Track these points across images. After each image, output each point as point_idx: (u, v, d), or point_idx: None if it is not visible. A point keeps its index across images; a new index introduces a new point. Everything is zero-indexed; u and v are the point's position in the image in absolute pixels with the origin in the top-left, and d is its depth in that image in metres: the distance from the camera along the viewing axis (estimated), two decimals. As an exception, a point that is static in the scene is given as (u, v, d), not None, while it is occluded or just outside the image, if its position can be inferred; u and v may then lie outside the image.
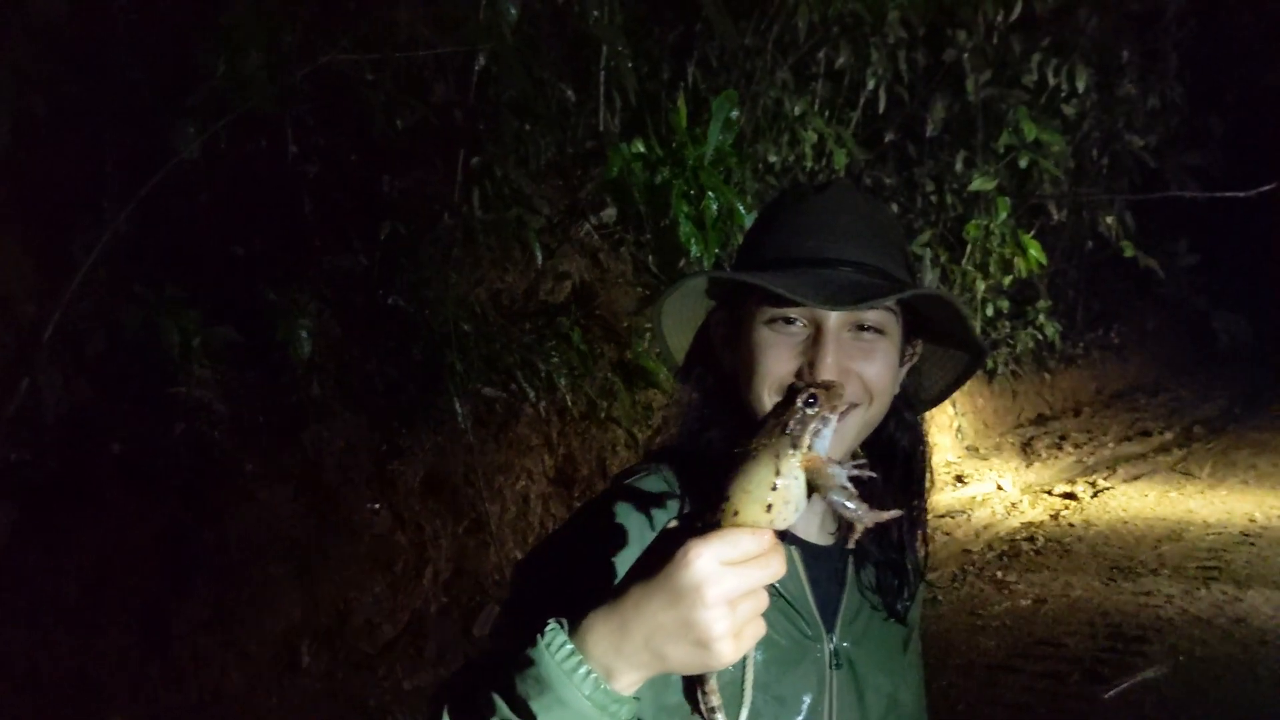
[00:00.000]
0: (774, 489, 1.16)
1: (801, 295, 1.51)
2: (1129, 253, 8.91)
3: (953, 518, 7.76)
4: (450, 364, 5.14)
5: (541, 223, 5.93)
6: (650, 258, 6.38)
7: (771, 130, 7.04)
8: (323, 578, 4.75)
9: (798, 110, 6.99)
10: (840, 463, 1.21)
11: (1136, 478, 9.01)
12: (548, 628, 1.22)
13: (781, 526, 1.18)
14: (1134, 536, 7.32)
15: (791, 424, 1.19)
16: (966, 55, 7.86)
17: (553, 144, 6.21)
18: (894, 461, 1.82)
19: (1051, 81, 8.62)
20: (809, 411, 1.20)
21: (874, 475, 1.21)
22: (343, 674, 4.60)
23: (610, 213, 6.30)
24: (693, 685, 1.30)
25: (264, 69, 4.60)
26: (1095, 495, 8.45)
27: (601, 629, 1.20)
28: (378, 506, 5.05)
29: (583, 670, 1.19)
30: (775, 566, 1.16)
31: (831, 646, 1.69)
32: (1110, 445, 10.04)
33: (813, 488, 1.19)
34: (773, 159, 7.02)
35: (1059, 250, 10.49)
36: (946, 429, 9.38)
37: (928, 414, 1.91)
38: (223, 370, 4.74)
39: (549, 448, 5.74)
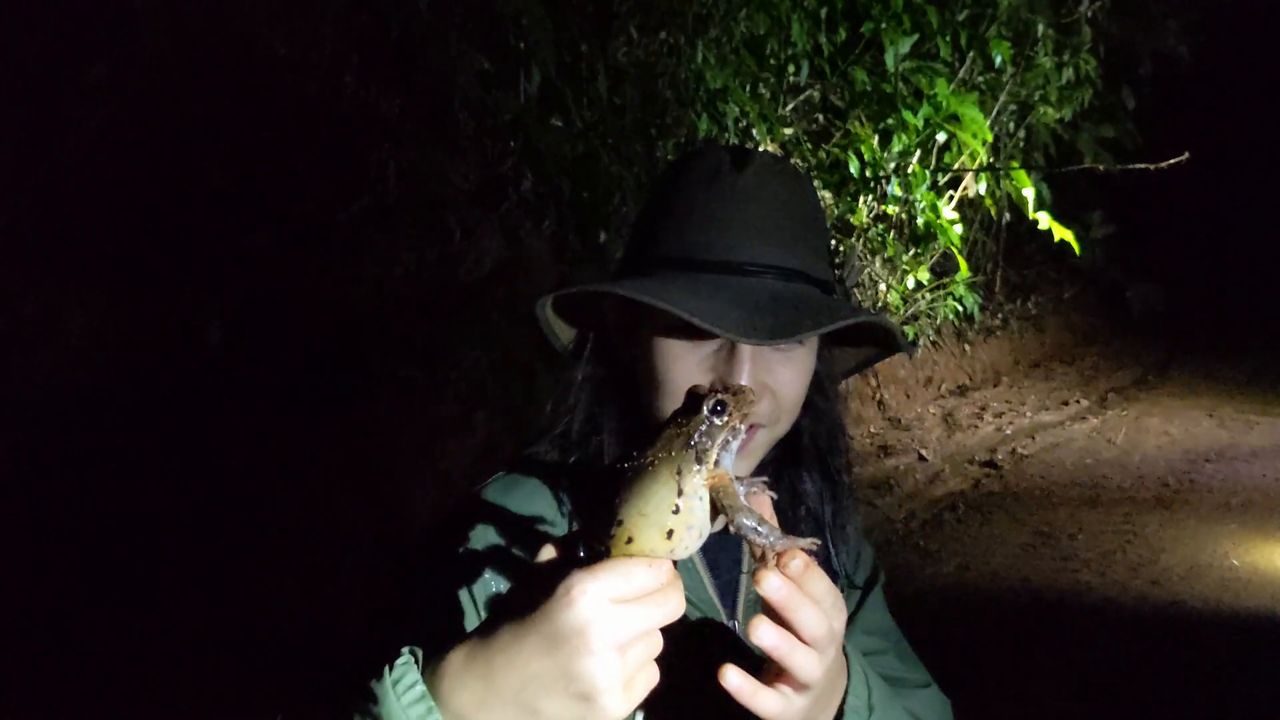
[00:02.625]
0: (675, 511, 0.99)
1: (718, 323, 1.35)
2: (1044, 225, 9.01)
3: (876, 489, 7.83)
4: (366, 346, 5.05)
5: (460, 199, 5.84)
6: (570, 235, 6.32)
7: (694, 103, 7.00)
8: (233, 572, 4.64)
9: (719, 83, 6.96)
10: (739, 479, 1.05)
11: (1055, 445, 9.17)
12: (399, 660, 1.05)
13: (683, 555, 1.01)
14: (1053, 503, 7.45)
15: (696, 435, 1.02)
16: (885, 28, 7.88)
17: (470, 118, 6.11)
18: (807, 457, 1.70)
19: (969, 55, 8.69)
20: (716, 421, 1.03)
21: (774, 495, 1.10)
22: (255, 672, 4.50)
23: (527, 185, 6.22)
24: None
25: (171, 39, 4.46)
26: (1015, 464, 8.58)
27: (462, 674, 1.02)
28: (292, 495, 4.94)
29: None
30: (674, 604, 1.00)
31: (738, 634, 1.57)
32: (1029, 414, 10.21)
33: (716, 509, 1.02)
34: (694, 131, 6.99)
35: (977, 222, 10.61)
36: (869, 400, 9.46)
37: (851, 387, 1.79)
38: (129, 357, 4.58)
39: (470, 429, 5.67)
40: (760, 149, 1.58)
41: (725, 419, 1.04)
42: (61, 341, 4.20)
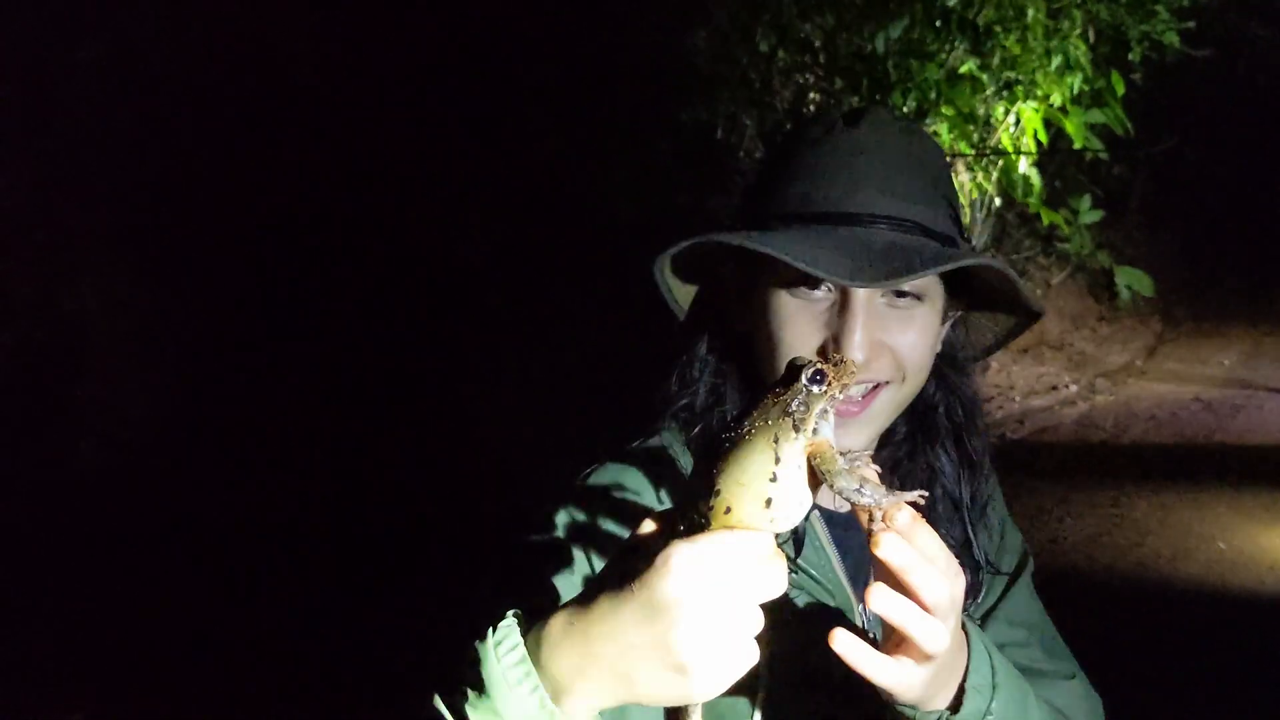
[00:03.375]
0: (773, 480, 0.96)
1: (826, 269, 1.30)
2: (1035, 209, 9.01)
3: (867, 473, 7.85)
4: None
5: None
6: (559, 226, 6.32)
7: (686, 91, 6.99)
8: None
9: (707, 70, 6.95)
10: (844, 453, 1.01)
11: (1043, 430, 9.19)
12: (503, 623, 1.03)
13: (784, 527, 0.99)
14: (1041, 487, 7.47)
15: (794, 404, 0.99)
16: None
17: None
18: (942, 434, 1.62)
19: (957, 39, 8.68)
20: (814, 390, 1.00)
21: (878, 469, 1.05)
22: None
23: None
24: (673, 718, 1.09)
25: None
26: (1005, 448, 8.60)
27: (561, 641, 1.00)
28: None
29: (529, 684, 0.99)
30: (775, 579, 0.96)
31: (866, 618, 1.49)
32: (1018, 399, 10.22)
33: (816, 478, 0.99)
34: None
35: (967, 207, 10.60)
36: (860, 386, 9.46)
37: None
38: (147, 340, 4.57)
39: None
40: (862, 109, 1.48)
41: (824, 388, 1.00)
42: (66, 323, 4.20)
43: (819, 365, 1.01)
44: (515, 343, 5.81)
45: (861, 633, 1.13)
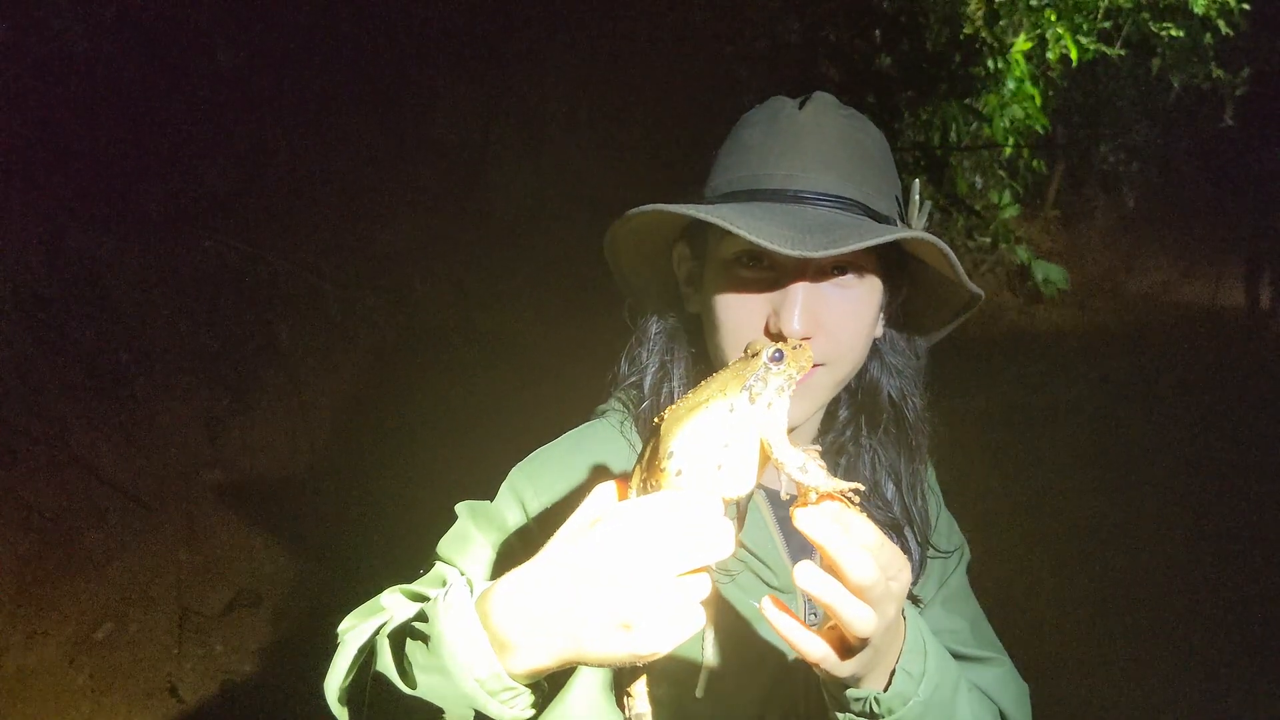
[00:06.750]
0: (726, 447, 0.99)
1: (766, 238, 1.31)
2: (963, 194, 9.14)
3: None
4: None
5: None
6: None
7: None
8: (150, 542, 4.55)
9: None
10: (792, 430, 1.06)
11: (966, 425, 9.32)
12: (453, 585, 1.05)
13: (732, 493, 1.01)
14: (960, 487, 7.56)
15: (752, 379, 1.03)
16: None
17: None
18: (881, 417, 1.66)
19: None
20: (773, 368, 1.04)
21: (822, 463, 1.05)
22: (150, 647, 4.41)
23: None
24: (619, 687, 1.13)
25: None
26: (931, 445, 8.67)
27: (511, 600, 1.00)
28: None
29: (478, 643, 0.99)
30: (723, 542, 0.97)
31: (807, 601, 1.51)
32: (939, 396, 10.33)
33: (765, 454, 1.02)
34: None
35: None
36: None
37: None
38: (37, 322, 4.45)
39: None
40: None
41: (781, 367, 1.04)
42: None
43: (779, 346, 1.05)
44: (456, 331, 5.77)
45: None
